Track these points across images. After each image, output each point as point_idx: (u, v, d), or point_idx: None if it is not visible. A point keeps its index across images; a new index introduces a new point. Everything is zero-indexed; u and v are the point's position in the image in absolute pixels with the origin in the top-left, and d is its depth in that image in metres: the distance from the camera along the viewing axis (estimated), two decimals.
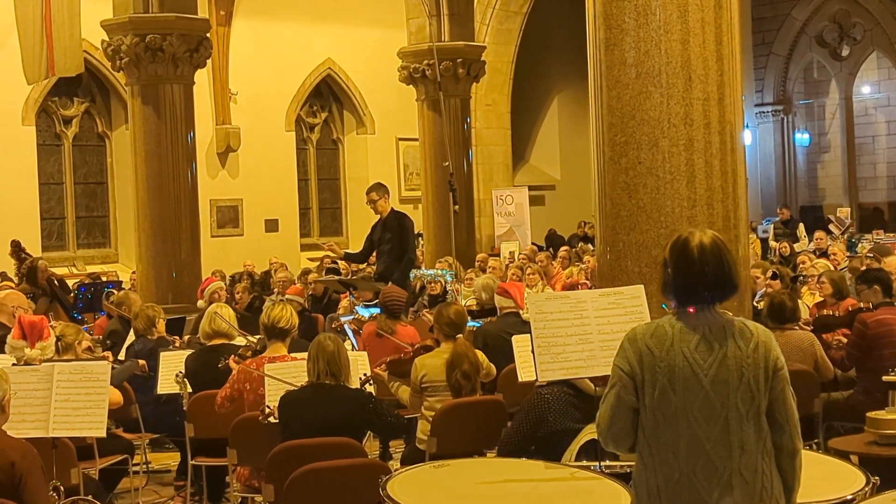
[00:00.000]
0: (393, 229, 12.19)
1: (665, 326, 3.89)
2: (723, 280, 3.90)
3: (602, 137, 6.53)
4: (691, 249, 3.89)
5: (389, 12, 21.12)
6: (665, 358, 3.82)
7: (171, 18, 13.87)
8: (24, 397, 6.16)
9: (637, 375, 3.85)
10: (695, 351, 3.82)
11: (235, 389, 7.04)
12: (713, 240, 3.92)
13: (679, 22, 6.30)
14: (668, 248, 3.98)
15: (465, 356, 7.20)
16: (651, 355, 3.84)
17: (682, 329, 3.86)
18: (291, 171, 22.71)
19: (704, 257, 3.88)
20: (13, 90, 17.83)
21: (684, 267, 3.90)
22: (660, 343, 3.85)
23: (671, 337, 3.85)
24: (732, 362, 3.81)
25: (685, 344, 3.83)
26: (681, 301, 3.92)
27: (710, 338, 3.84)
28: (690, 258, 3.89)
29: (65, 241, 20.29)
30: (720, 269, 3.89)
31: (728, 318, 3.91)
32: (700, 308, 3.88)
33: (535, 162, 26.98)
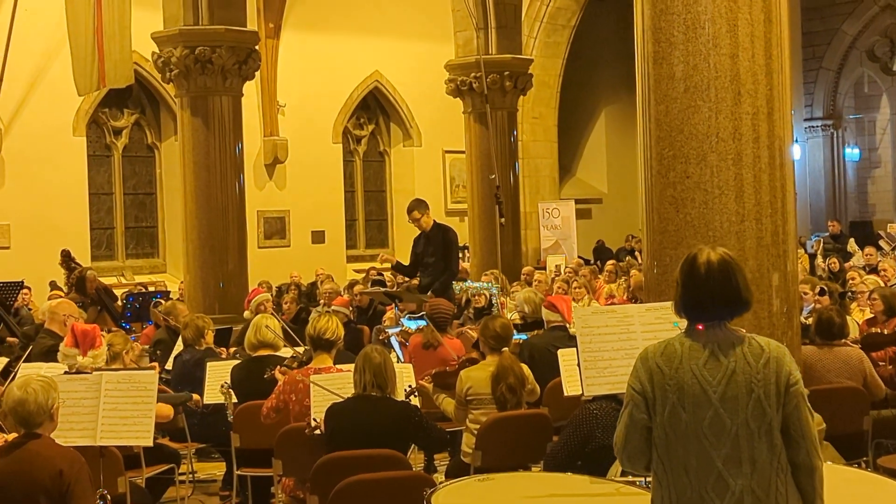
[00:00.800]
0: (437, 242, 12.19)
1: (675, 344, 3.90)
2: (731, 297, 3.90)
3: (650, 151, 6.51)
4: (698, 266, 3.91)
5: (437, 25, 21.17)
6: (674, 376, 3.84)
7: (220, 31, 13.97)
8: (73, 406, 6.21)
9: (648, 394, 3.87)
10: (703, 368, 3.82)
11: (281, 400, 7.05)
12: (721, 256, 3.92)
13: (728, 36, 6.26)
14: (680, 265, 4.00)
15: (510, 369, 7.19)
16: (661, 373, 3.86)
17: (692, 346, 3.87)
18: (338, 183, 22.79)
19: (711, 274, 3.89)
20: (64, 101, 18.00)
21: (692, 284, 3.92)
22: (669, 361, 3.86)
23: (680, 355, 3.86)
24: (741, 378, 3.80)
25: (694, 361, 3.84)
26: (691, 318, 3.93)
27: (718, 354, 3.84)
28: (698, 275, 3.90)
29: (114, 251, 20.45)
30: (727, 285, 3.89)
31: (739, 335, 3.89)
32: (710, 325, 3.89)
33: (581, 175, 26.92)
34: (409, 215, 12.27)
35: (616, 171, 26.09)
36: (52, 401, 5.22)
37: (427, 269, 12.31)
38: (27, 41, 17.76)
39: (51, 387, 5.24)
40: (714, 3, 6.26)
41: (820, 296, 10.65)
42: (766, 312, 6.18)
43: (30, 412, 5.15)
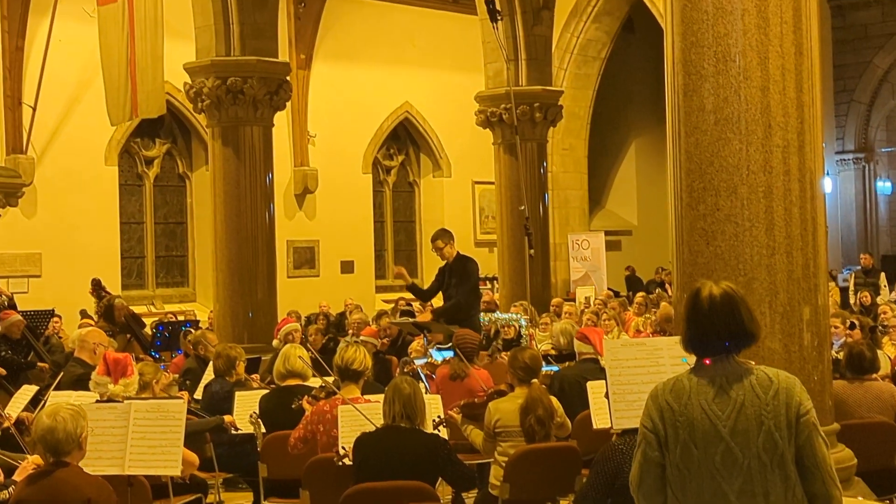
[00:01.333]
0: (458, 274, 12.17)
1: (683, 380, 3.90)
2: (736, 329, 3.89)
3: (680, 183, 6.49)
4: (701, 301, 3.92)
5: (467, 56, 21.23)
6: (684, 412, 3.84)
7: (252, 61, 14.06)
8: (101, 434, 6.22)
9: (660, 432, 3.87)
10: (712, 402, 3.82)
11: (309, 430, 7.05)
12: (723, 290, 3.92)
13: (759, 69, 6.25)
14: (685, 302, 4.02)
15: (539, 401, 7.16)
16: (671, 410, 3.86)
17: (700, 382, 3.87)
18: (368, 213, 22.85)
19: (714, 308, 3.89)
20: (97, 131, 18.13)
21: (696, 319, 3.92)
22: (678, 398, 3.86)
23: (689, 390, 3.86)
24: (751, 411, 3.78)
25: (702, 396, 3.83)
26: (697, 353, 3.93)
27: (727, 388, 3.83)
28: (701, 310, 3.91)
29: (144, 280, 20.54)
30: (731, 319, 3.88)
31: (747, 367, 3.88)
32: (717, 359, 3.88)
33: (612, 207, 26.90)
34: (433, 244, 12.27)
35: (646, 203, 26.05)
36: (81, 429, 5.23)
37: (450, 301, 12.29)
38: (61, 71, 17.93)
39: (80, 415, 5.26)
40: (745, 36, 6.25)
41: (850, 330, 10.57)
42: (797, 346, 6.14)
43: (58, 440, 5.16)
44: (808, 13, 6.40)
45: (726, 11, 6.29)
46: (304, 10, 20.84)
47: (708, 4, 6.33)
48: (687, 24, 6.42)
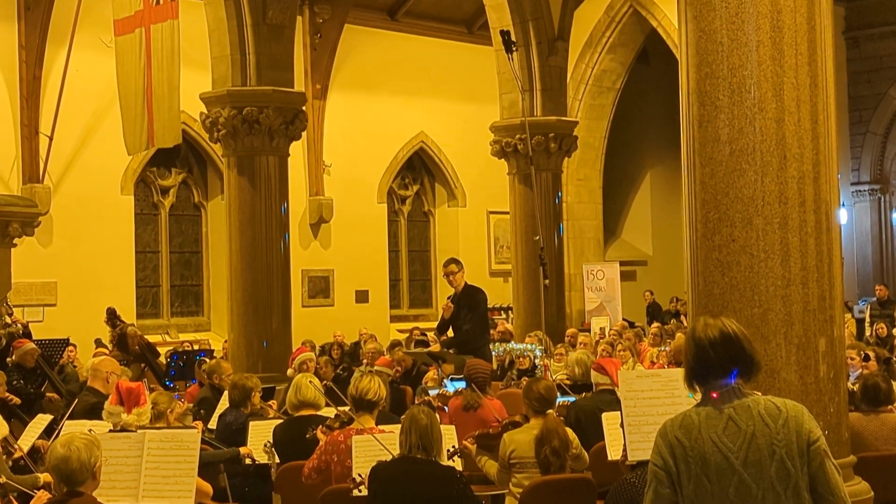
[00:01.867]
0: (467, 305, 12.19)
1: (691, 415, 3.89)
2: (737, 358, 3.89)
3: (695, 214, 6.48)
4: (700, 334, 3.93)
5: (482, 87, 21.28)
6: (695, 447, 3.82)
7: (267, 92, 14.13)
8: (115, 464, 6.21)
9: (671, 469, 3.86)
10: (723, 434, 3.81)
11: (323, 461, 7.03)
12: (721, 322, 3.93)
13: (774, 100, 6.25)
14: (687, 335, 4.03)
15: (554, 432, 7.13)
16: (681, 446, 3.84)
17: (708, 415, 3.86)
18: (382, 243, 22.86)
19: (713, 341, 3.89)
20: (113, 160, 18.20)
21: (696, 353, 3.93)
22: (688, 432, 3.85)
23: (698, 424, 3.85)
24: (762, 441, 3.77)
25: (712, 430, 3.82)
26: (703, 387, 3.92)
27: (736, 419, 3.82)
28: (701, 345, 3.91)
29: (159, 309, 20.56)
30: (731, 348, 3.89)
31: (754, 398, 3.88)
32: (723, 391, 3.87)
33: (626, 237, 26.87)
34: (446, 268, 12.32)
35: (661, 234, 26.02)
36: (95, 459, 5.22)
37: (459, 332, 12.30)
38: (78, 101, 18.02)
39: (94, 444, 5.25)
40: (760, 67, 6.26)
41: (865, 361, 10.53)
42: (813, 378, 6.12)
43: (72, 470, 5.15)
44: (823, 45, 6.41)
45: (741, 43, 6.29)
46: (319, 40, 20.94)
47: (723, 36, 6.34)
48: (702, 55, 6.43)
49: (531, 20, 18.06)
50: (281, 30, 14.43)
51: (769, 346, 6.14)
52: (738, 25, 6.31)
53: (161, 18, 13.64)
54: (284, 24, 14.48)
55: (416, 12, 22.72)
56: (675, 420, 3.91)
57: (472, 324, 12.25)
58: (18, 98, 17.86)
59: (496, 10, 18.09)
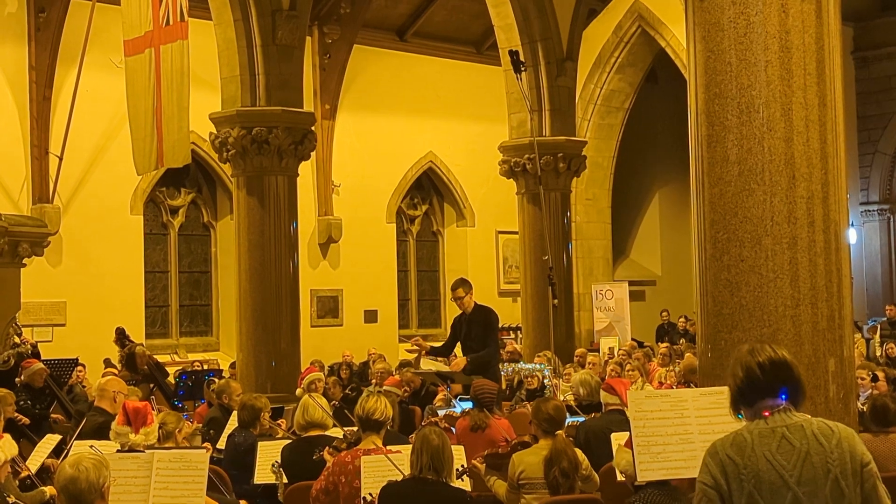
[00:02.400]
0: (478, 325, 12.12)
1: (743, 434, 3.88)
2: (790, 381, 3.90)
3: (704, 234, 6.48)
4: (746, 359, 3.93)
5: (491, 107, 21.32)
6: (748, 465, 3.80)
7: (277, 112, 14.16)
8: (124, 484, 6.20)
9: (722, 487, 3.83)
10: (776, 453, 3.80)
11: (331, 482, 7.01)
12: (768, 346, 3.95)
13: (783, 120, 6.26)
14: (733, 359, 4.01)
15: (563, 453, 7.11)
16: (733, 464, 3.82)
17: (761, 433, 3.85)
18: (391, 263, 22.87)
19: (762, 364, 3.90)
20: (123, 180, 18.25)
21: (745, 375, 3.92)
22: (740, 451, 3.83)
23: (751, 443, 3.83)
24: (817, 460, 3.77)
25: (766, 448, 3.81)
26: (752, 408, 3.92)
27: (790, 438, 3.81)
28: (749, 367, 3.91)
29: (168, 329, 20.57)
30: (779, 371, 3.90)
31: (805, 418, 3.88)
32: (775, 411, 3.87)
33: (635, 257, 26.85)
34: (453, 293, 12.24)
35: (670, 254, 26.00)
36: (104, 479, 5.21)
37: (469, 354, 12.24)
38: (88, 121, 18.07)
39: (102, 465, 5.24)
40: (768, 87, 6.26)
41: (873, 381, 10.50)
42: (823, 398, 6.10)
43: (81, 490, 5.14)
44: (832, 64, 6.41)
45: (750, 63, 6.30)
46: (329, 61, 20.99)
47: (731, 56, 6.35)
48: (710, 75, 6.44)
49: (540, 40, 18.09)
50: (290, 50, 14.47)
51: None
52: (746, 45, 6.32)
53: (171, 39, 13.69)
54: (294, 44, 14.51)
55: (425, 33, 22.77)
56: (725, 439, 3.89)
57: (494, 344, 12.27)
58: (29, 118, 17.92)
59: (505, 30, 18.13)
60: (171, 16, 13.66)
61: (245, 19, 14.25)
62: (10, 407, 10.55)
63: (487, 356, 12.03)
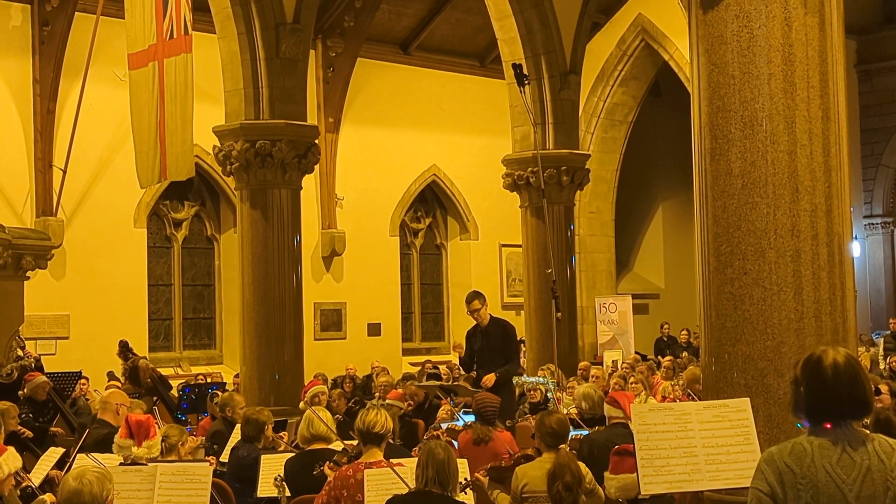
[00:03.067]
0: (495, 338, 12.12)
1: (803, 444, 3.83)
2: (858, 398, 3.85)
3: (707, 247, 6.48)
4: (825, 368, 3.86)
5: (494, 120, 21.35)
6: (806, 475, 3.76)
7: (280, 125, 14.17)
8: (127, 497, 6.20)
9: (778, 495, 3.79)
10: (836, 465, 3.76)
11: (332, 496, 6.98)
12: (847, 358, 3.88)
13: (786, 133, 6.26)
14: (801, 366, 3.94)
15: (567, 467, 7.08)
16: (791, 473, 3.78)
17: (822, 445, 3.80)
18: (395, 276, 22.85)
19: (839, 377, 3.84)
20: (126, 193, 18.26)
21: (818, 386, 3.86)
22: (799, 460, 3.79)
23: (811, 453, 3.79)
24: (877, 476, 3.74)
25: (826, 459, 3.77)
26: (816, 419, 3.87)
27: (851, 452, 3.77)
28: (825, 377, 3.85)
29: (171, 342, 20.56)
30: (855, 387, 3.85)
31: (866, 433, 3.84)
32: (837, 424, 3.83)
33: (639, 270, 26.84)
34: (469, 306, 12.23)
35: (673, 267, 25.99)
36: (107, 492, 5.20)
37: (485, 366, 12.22)
38: (91, 135, 18.09)
39: (106, 478, 5.23)
40: (771, 101, 6.26)
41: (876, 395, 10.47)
42: None
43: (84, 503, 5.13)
44: (835, 78, 6.42)
45: (753, 76, 6.31)
46: (332, 74, 21.02)
47: (735, 69, 6.36)
48: (714, 88, 6.45)
49: (543, 54, 18.11)
50: (294, 64, 14.49)
51: (783, 381, 6.12)
52: (749, 59, 6.33)
53: (175, 52, 13.71)
54: (297, 58, 14.54)
55: (429, 46, 22.80)
56: (783, 447, 3.85)
57: (517, 356, 12.31)
58: (33, 131, 17.95)
59: (508, 43, 18.16)
60: (175, 29, 13.69)
61: (249, 32, 14.27)
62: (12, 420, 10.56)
63: (514, 369, 12.09)
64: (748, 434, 5.33)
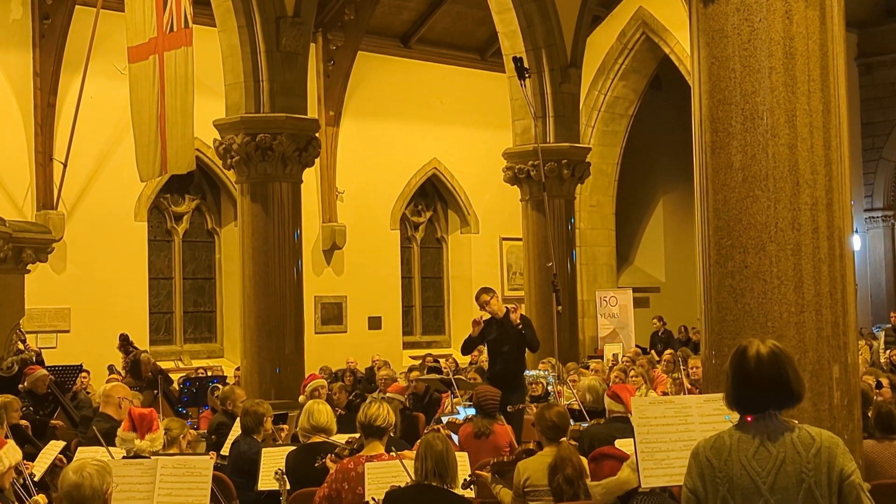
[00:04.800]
0: (511, 330, 12.16)
1: (724, 437, 3.90)
2: (781, 389, 3.89)
3: (708, 240, 6.48)
4: (748, 360, 3.92)
5: (495, 114, 21.34)
6: (723, 468, 3.83)
7: (281, 118, 14.16)
8: (128, 490, 6.20)
9: (699, 491, 3.87)
10: (752, 459, 3.81)
11: (333, 489, 6.99)
12: (771, 349, 3.92)
13: (787, 126, 6.25)
14: (730, 358, 4.00)
15: (568, 460, 7.09)
16: (710, 467, 3.85)
17: (741, 438, 3.87)
18: (395, 269, 22.86)
19: (761, 367, 3.89)
20: (127, 187, 18.27)
21: (742, 377, 3.92)
22: (719, 454, 3.86)
23: (729, 447, 3.86)
24: (791, 468, 3.77)
25: (743, 453, 3.83)
26: (740, 411, 3.93)
27: (768, 444, 3.82)
28: (748, 368, 3.91)
29: (172, 336, 20.57)
30: (777, 378, 3.89)
31: (789, 425, 3.87)
32: (759, 416, 3.87)
33: (639, 263, 26.84)
34: (478, 300, 12.32)
35: (674, 260, 25.99)
36: (107, 485, 5.21)
37: (499, 357, 12.25)
38: (92, 128, 18.10)
39: (106, 471, 5.24)
40: (772, 94, 6.26)
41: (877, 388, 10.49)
42: (827, 405, 6.09)
43: (85, 497, 5.13)
44: (836, 71, 6.41)
45: (754, 69, 6.30)
46: (333, 67, 21.01)
47: (735, 62, 6.35)
48: (714, 81, 6.44)
49: (544, 47, 18.10)
50: (294, 57, 14.48)
51: None
52: (750, 52, 6.32)
53: (175, 45, 13.70)
54: (298, 51, 14.52)
55: (429, 39, 22.79)
56: (708, 441, 3.92)
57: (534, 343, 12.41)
58: (33, 125, 17.95)
59: (509, 37, 18.15)
60: (176, 22, 13.68)
61: (249, 26, 14.26)
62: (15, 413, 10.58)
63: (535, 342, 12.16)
64: None
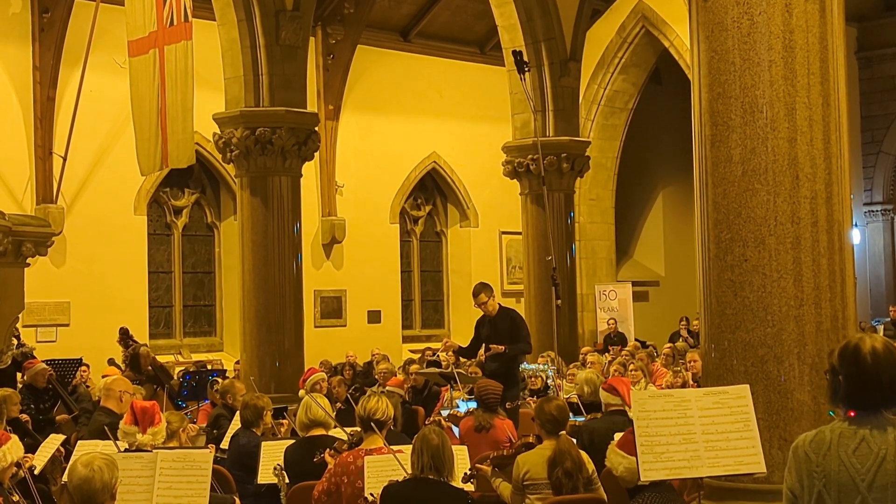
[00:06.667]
0: (503, 328, 12.12)
1: (826, 432, 3.80)
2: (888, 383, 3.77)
3: (707, 234, 6.49)
4: (864, 356, 3.78)
5: (495, 107, 21.33)
6: (821, 463, 3.74)
7: (280, 112, 14.17)
8: (128, 484, 6.20)
9: (796, 487, 3.79)
10: (852, 455, 3.71)
11: (332, 483, 7.00)
12: (885, 345, 3.81)
13: (786, 120, 6.26)
14: (837, 355, 3.86)
15: (567, 454, 7.10)
16: (808, 461, 3.76)
17: (843, 434, 3.76)
18: (395, 263, 22.86)
19: (878, 364, 3.76)
20: (127, 181, 18.26)
21: (856, 374, 3.78)
22: (818, 448, 3.77)
23: (829, 442, 3.76)
24: (892, 467, 3.67)
25: (843, 448, 3.73)
26: (851, 407, 3.81)
27: (870, 441, 3.72)
28: (864, 365, 3.77)
29: (171, 329, 20.57)
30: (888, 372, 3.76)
31: (894, 422, 3.77)
32: (863, 413, 3.76)
33: (639, 257, 26.83)
34: (476, 299, 12.23)
35: (673, 254, 25.97)
36: (115, 479, 5.22)
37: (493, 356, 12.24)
38: (91, 122, 18.09)
39: (114, 465, 5.25)
40: (772, 87, 6.26)
41: None
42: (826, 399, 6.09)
43: (95, 490, 5.14)
44: (836, 65, 6.42)
45: (753, 63, 6.31)
46: (332, 61, 21.00)
47: (735, 56, 6.35)
48: (714, 75, 6.44)
49: (543, 41, 18.10)
50: (294, 51, 14.49)
51: (782, 367, 6.13)
52: (750, 45, 6.33)
53: (175, 39, 13.70)
54: (297, 45, 14.53)
55: (429, 33, 22.77)
56: (808, 435, 3.83)
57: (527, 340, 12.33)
58: (33, 119, 17.94)
59: (508, 30, 18.14)
60: (175, 16, 13.67)
61: (249, 19, 14.26)
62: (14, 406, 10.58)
63: (525, 347, 12.12)
64: (748, 421, 5.33)
